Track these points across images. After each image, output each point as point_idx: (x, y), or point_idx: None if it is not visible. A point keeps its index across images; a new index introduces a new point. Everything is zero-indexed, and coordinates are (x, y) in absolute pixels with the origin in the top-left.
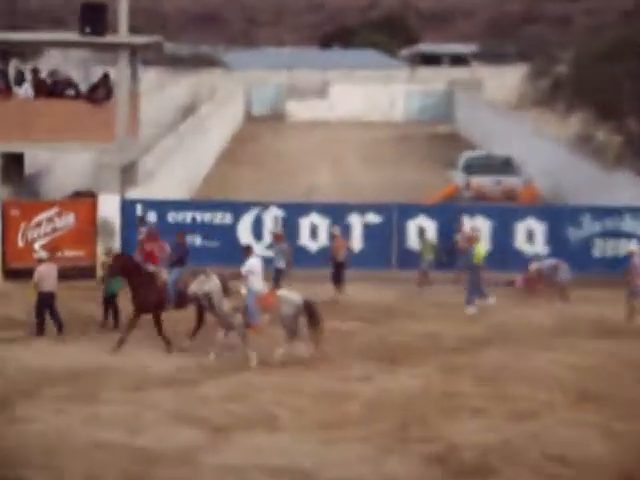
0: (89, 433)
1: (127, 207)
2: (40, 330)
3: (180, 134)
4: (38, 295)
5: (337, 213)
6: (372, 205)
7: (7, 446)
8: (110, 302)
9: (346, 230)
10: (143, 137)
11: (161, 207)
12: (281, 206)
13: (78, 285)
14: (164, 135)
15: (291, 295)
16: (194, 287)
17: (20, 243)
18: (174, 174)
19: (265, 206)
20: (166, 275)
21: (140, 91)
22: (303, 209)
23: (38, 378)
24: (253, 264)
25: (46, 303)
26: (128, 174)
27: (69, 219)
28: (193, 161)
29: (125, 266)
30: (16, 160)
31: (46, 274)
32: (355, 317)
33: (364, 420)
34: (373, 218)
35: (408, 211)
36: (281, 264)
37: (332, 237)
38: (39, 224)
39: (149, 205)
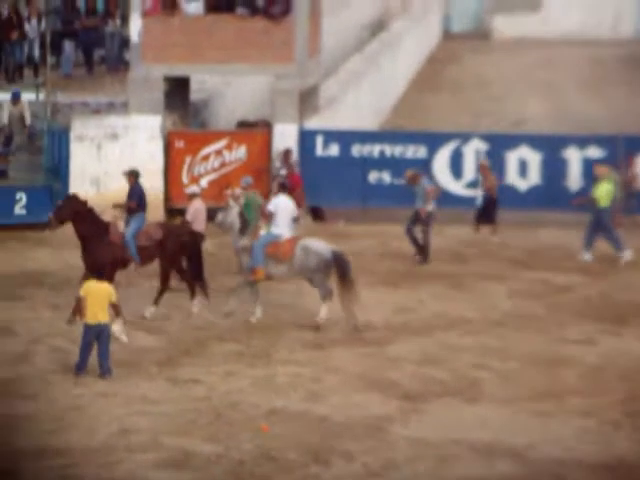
0: (262, 399)
1: (306, 138)
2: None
3: (367, 55)
4: None
5: (551, 146)
6: (593, 137)
7: (167, 412)
8: None
9: (563, 166)
10: (325, 58)
11: (345, 138)
12: (485, 138)
13: None
14: (349, 56)
15: (316, 244)
16: (220, 217)
17: (185, 179)
18: (360, 101)
19: (466, 138)
20: (123, 227)
21: (322, 5)
22: (511, 141)
23: (203, 334)
24: (280, 203)
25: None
26: (308, 101)
27: (240, 152)
28: (382, 86)
29: (78, 211)
30: (181, 85)
31: (201, 211)
32: (573, 268)
33: (584, 390)
34: (595, 152)
35: (637, 144)
36: (428, 206)
37: (480, 170)
38: (206, 158)
39: (331, 136)
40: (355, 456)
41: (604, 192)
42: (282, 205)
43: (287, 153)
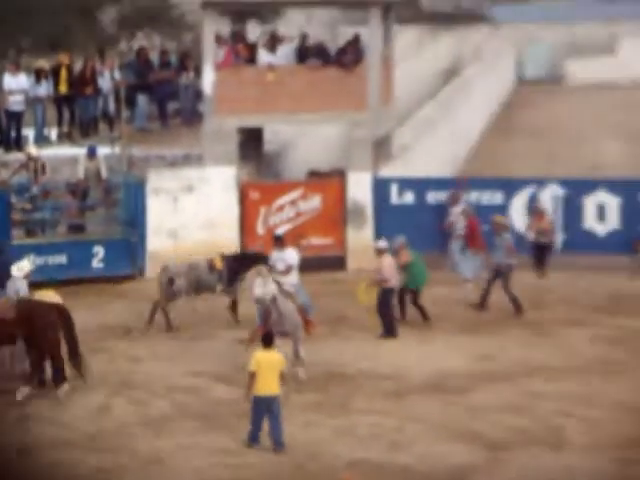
0: (343, 449)
1: (380, 186)
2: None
3: (441, 102)
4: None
5: (629, 190)
6: None
7: (249, 463)
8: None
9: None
10: (398, 106)
11: (420, 186)
12: (562, 183)
13: (327, 278)
14: (422, 103)
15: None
16: (259, 291)
17: (260, 230)
18: (434, 148)
19: (542, 183)
20: None
21: (394, 54)
22: (588, 186)
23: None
24: (293, 256)
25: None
26: (382, 149)
27: (315, 202)
28: (456, 132)
29: None
30: (255, 136)
31: (393, 266)
32: None
33: None
34: None
35: None
36: (504, 259)
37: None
38: (281, 208)
39: (406, 184)
40: None
41: None
42: (295, 260)
43: (455, 196)
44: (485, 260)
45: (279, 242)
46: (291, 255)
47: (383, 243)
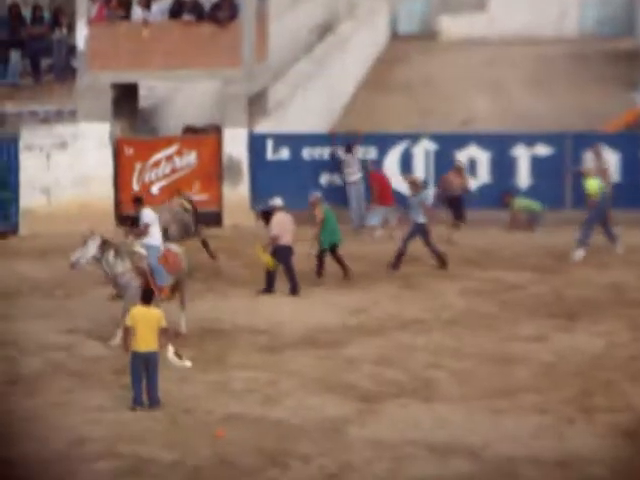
0: (217, 404)
1: (256, 142)
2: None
3: (316, 58)
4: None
5: (500, 145)
6: (541, 135)
7: (123, 420)
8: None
9: (512, 164)
10: (273, 62)
11: (295, 142)
12: (434, 138)
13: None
14: (297, 59)
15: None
16: (73, 256)
17: (136, 186)
18: (309, 103)
19: (415, 138)
20: None
21: (269, 9)
22: (460, 141)
23: None
24: (149, 215)
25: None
26: (257, 105)
27: (190, 158)
28: (331, 88)
29: None
30: (130, 92)
31: (287, 223)
32: (524, 266)
33: (538, 387)
34: (543, 150)
35: (585, 141)
36: (420, 218)
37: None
38: (157, 164)
39: (281, 140)
40: (312, 458)
41: (595, 187)
42: (151, 219)
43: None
44: (396, 215)
45: (137, 203)
46: (147, 214)
47: (277, 201)
